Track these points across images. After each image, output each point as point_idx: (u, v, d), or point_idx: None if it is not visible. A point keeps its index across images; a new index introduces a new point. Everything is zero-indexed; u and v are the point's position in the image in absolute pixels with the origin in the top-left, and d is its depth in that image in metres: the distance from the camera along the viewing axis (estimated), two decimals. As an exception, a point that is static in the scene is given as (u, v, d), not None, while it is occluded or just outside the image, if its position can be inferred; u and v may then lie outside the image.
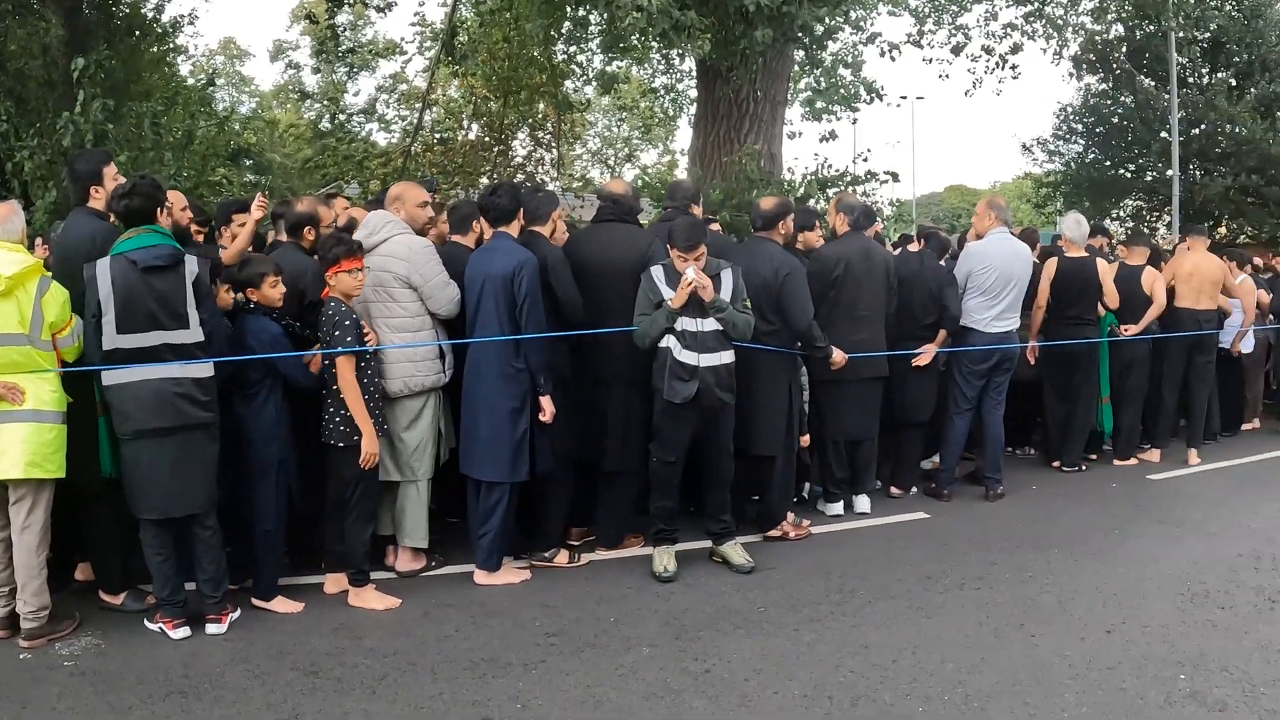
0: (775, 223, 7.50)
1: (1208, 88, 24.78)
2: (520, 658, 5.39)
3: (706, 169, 14.52)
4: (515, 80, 18.08)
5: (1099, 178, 26.50)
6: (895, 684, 5.14)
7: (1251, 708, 4.99)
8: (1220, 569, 7.04)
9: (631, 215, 7.31)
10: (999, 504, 8.68)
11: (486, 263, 6.47)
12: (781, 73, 15.30)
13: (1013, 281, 8.57)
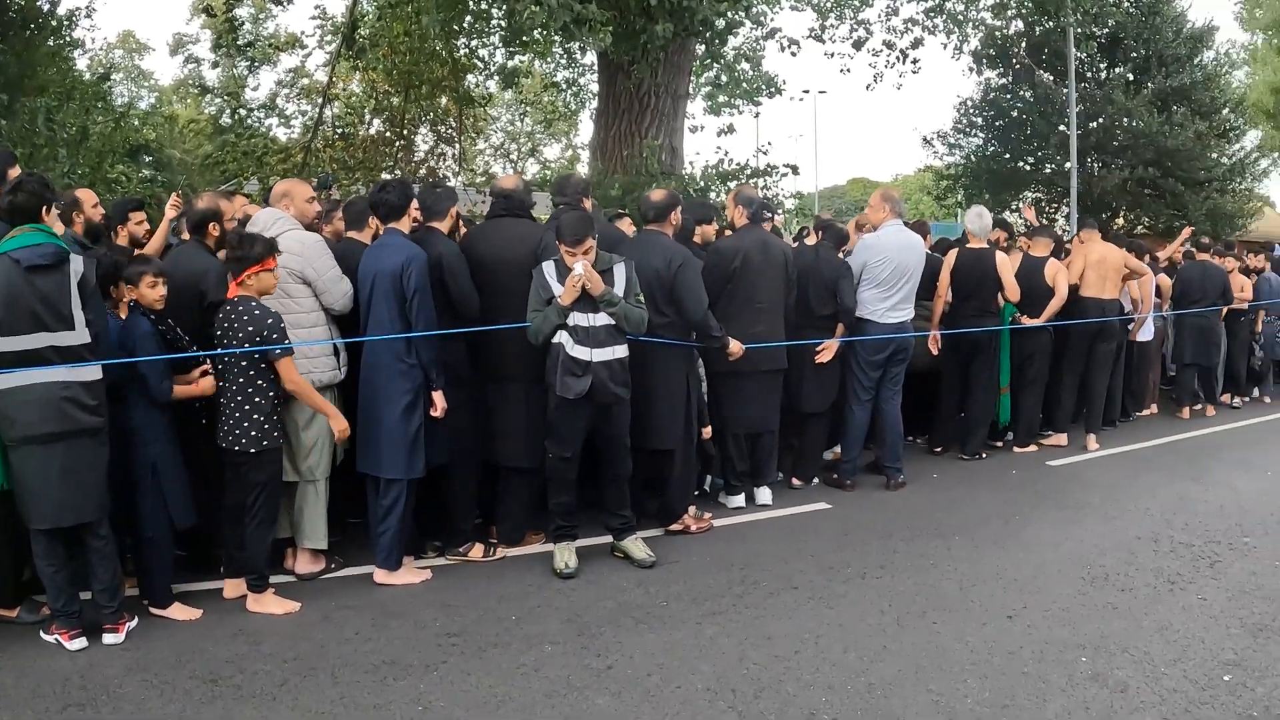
0: (666, 214, 7.51)
1: (1105, 82, 25.42)
2: (421, 659, 5.30)
3: (608, 163, 14.51)
4: (416, 74, 17.87)
5: (999, 170, 27.05)
6: (798, 675, 5.13)
7: (1153, 688, 5.07)
8: (1119, 552, 7.17)
9: (523, 210, 7.27)
10: (901, 493, 8.75)
11: (377, 259, 6.39)
12: (683, 67, 15.35)
13: (907, 273, 8.69)
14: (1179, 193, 24.39)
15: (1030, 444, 10.43)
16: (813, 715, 4.71)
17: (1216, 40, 27.27)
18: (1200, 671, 5.28)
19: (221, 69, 23.54)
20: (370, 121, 19.91)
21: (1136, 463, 10.23)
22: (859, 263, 8.68)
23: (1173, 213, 24.71)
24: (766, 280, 7.99)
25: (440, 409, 6.36)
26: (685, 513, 7.54)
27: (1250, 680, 5.20)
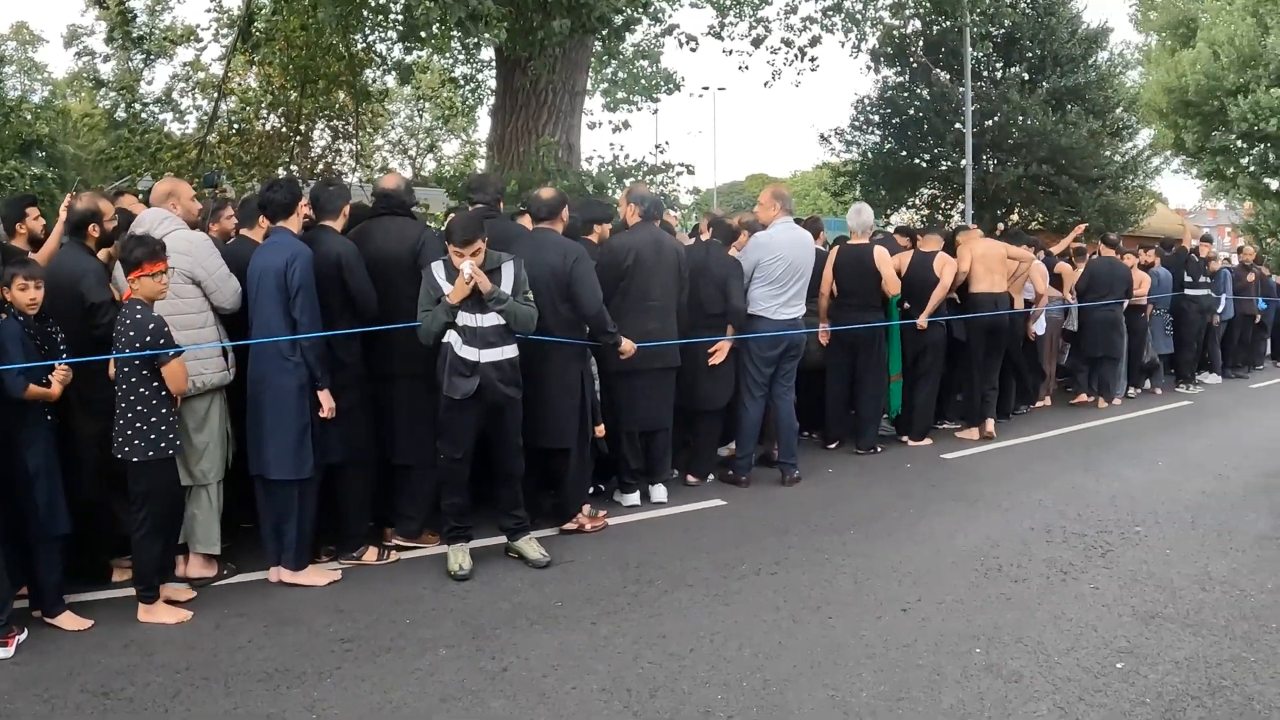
0: (557, 212, 7.51)
1: (1001, 81, 25.84)
2: (315, 666, 5.17)
3: (505, 160, 14.43)
4: (313, 69, 17.60)
5: (895, 167, 27.37)
6: (694, 673, 5.10)
7: (1047, 677, 5.13)
8: (1013, 543, 7.28)
9: (404, 209, 7.21)
10: (796, 488, 8.79)
11: (262, 258, 6.31)
12: (581, 63, 15.33)
13: (799, 270, 8.77)
14: (1073, 190, 24.88)
15: (926, 437, 10.54)
16: (708, 713, 4.68)
17: (1111, 41, 27.93)
18: (1093, 660, 5.36)
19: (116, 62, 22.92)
20: (266, 117, 19.61)
21: (1029, 454, 10.43)
22: (751, 261, 8.71)
23: (1066, 209, 25.21)
24: (659, 278, 7.98)
25: (328, 409, 6.27)
26: (580, 512, 7.49)
27: (1143, 667, 5.29)
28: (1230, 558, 7.16)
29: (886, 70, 27.48)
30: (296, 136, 19.18)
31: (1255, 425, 12.64)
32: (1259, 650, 5.59)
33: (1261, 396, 15.72)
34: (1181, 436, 11.68)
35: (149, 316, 5.60)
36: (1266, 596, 6.42)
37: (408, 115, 35.58)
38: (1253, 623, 5.97)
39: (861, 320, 9.73)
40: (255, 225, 6.91)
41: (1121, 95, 28.22)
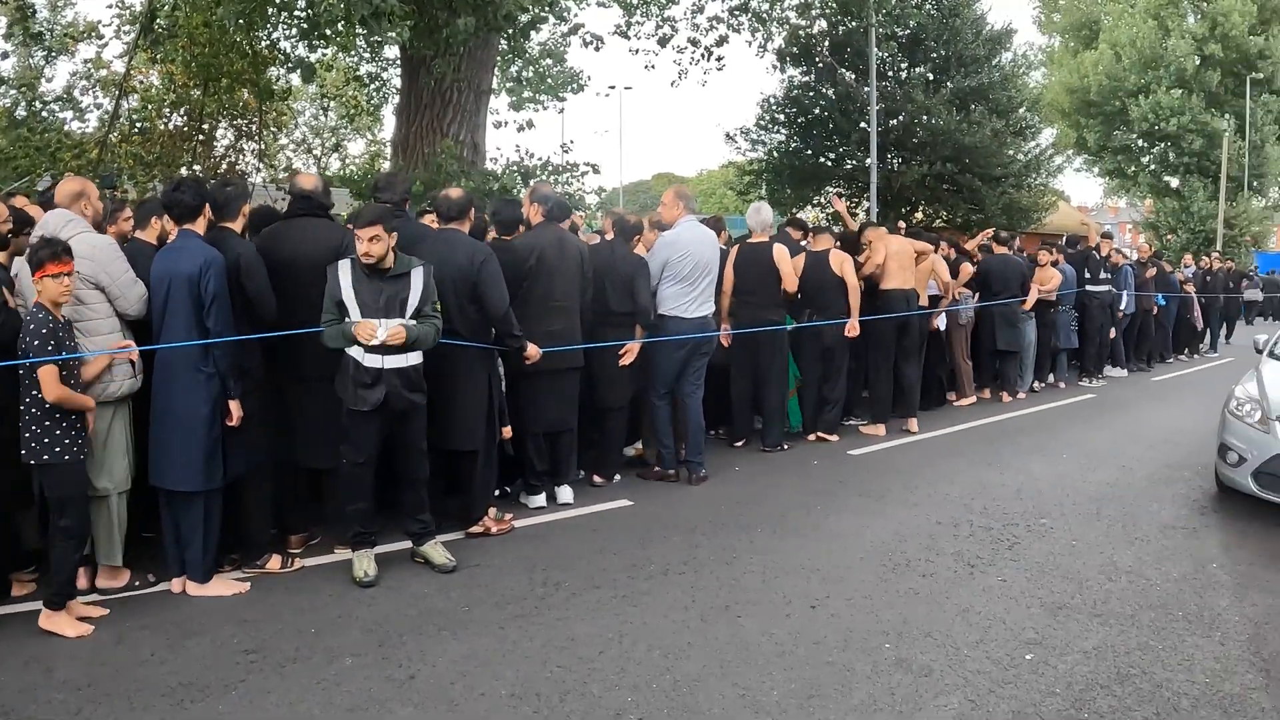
0: (466, 212, 7.45)
1: (906, 81, 26.24)
2: (220, 679, 5.03)
3: (409, 160, 14.27)
4: (216, 67, 17.23)
5: (801, 166, 27.63)
6: (603, 675, 5.05)
7: (957, 670, 5.16)
8: (920, 538, 7.32)
9: (323, 210, 7.09)
10: (703, 487, 8.76)
11: (172, 262, 6.09)
12: (486, 62, 15.22)
13: (707, 267, 8.84)
14: (976, 188, 25.31)
15: (836, 434, 10.58)
16: (619, 716, 4.64)
17: (1015, 42, 28.54)
18: (1003, 652, 5.40)
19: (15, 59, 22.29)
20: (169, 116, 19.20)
21: (936, 450, 10.53)
22: (660, 259, 8.71)
23: (970, 207, 25.67)
24: (563, 278, 7.94)
25: (237, 418, 6.11)
26: (486, 515, 7.39)
27: (1052, 658, 5.35)
28: (1135, 548, 7.28)
29: (792, 70, 27.74)
30: (199, 136, 18.78)
31: (1157, 417, 12.90)
32: (1166, 638, 5.67)
33: (1163, 389, 16.07)
34: (1086, 429, 11.88)
35: (44, 320, 5.44)
36: (1172, 585, 6.53)
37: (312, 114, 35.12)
38: (1159, 611, 6.07)
39: (763, 318, 9.75)
40: (148, 227, 6.70)
41: (1025, 95, 28.79)
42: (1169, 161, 46.83)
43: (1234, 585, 6.62)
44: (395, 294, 6.22)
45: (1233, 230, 43.44)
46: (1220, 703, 4.95)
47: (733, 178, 33.45)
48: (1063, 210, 33.64)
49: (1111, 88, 45.73)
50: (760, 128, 28.58)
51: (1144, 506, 8.39)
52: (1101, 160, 49.88)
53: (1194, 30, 44.99)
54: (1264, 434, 7.98)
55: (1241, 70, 44.44)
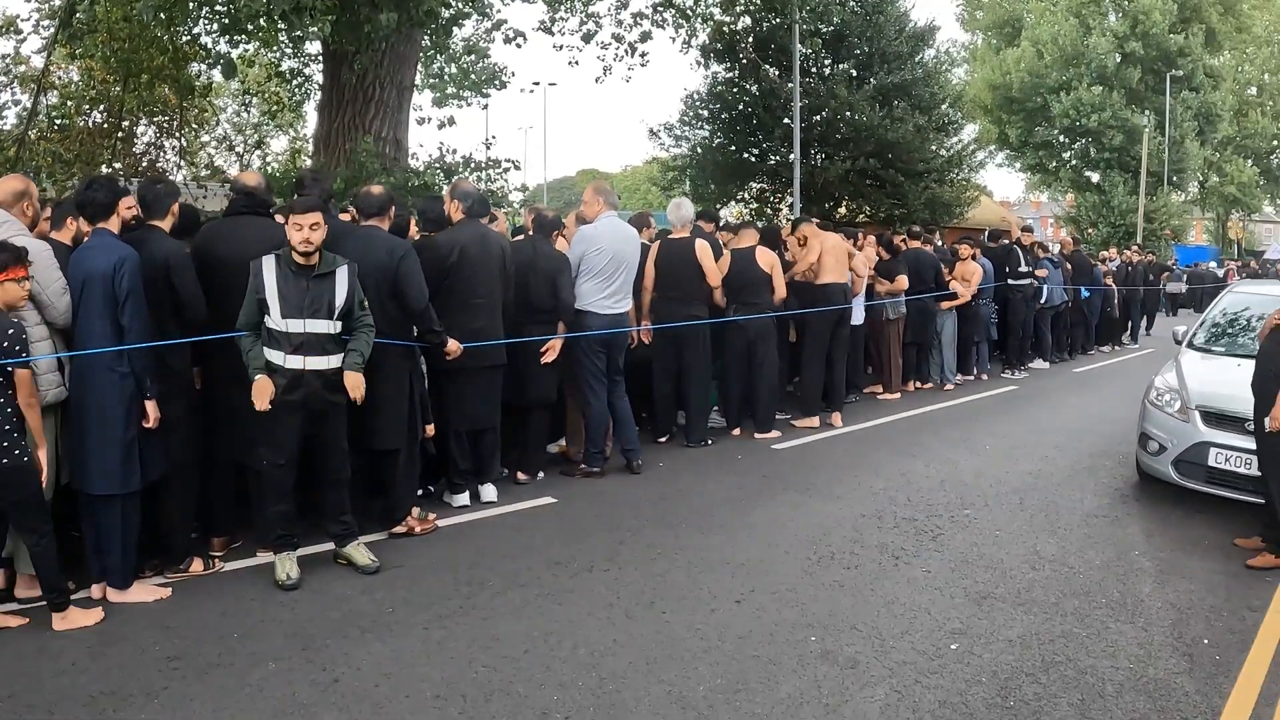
0: (385, 209, 7.39)
1: (829, 77, 26.40)
2: (142, 687, 4.92)
3: (331, 156, 14.10)
4: (136, 63, 16.90)
5: (724, 162, 27.73)
6: (529, 674, 5.02)
7: (882, 661, 5.19)
8: (845, 530, 7.36)
9: (264, 209, 7.00)
10: (627, 484, 8.71)
11: (87, 261, 5.93)
12: (409, 58, 15.10)
13: (624, 262, 8.83)
14: (899, 183, 25.56)
15: (771, 429, 10.61)
16: (545, 715, 4.62)
17: (938, 39, 28.80)
18: (928, 642, 5.44)
19: (-63, 54, 21.75)
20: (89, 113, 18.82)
21: (861, 442, 10.59)
22: (577, 254, 8.72)
23: (893, 202, 25.94)
24: (484, 275, 7.86)
25: (153, 420, 5.96)
26: (409, 514, 7.31)
27: (977, 647, 5.40)
28: (1058, 536, 7.37)
29: (716, 66, 27.83)
30: (119, 133, 18.44)
31: (1079, 407, 13.12)
32: (1089, 625, 5.75)
33: (1085, 380, 16.30)
34: (1009, 420, 12.03)
35: (9, 322, 5.32)
36: (1095, 572, 6.62)
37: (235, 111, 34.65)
38: (1082, 599, 6.14)
39: (685, 313, 9.75)
40: (63, 227, 6.50)
41: (947, 91, 29.11)
42: (1090, 157, 47.67)
43: (1156, 572, 6.72)
44: (320, 294, 6.14)
45: (1152, 224, 44.26)
46: (1144, 688, 5.02)
47: (657, 174, 33.52)
48: (985, 205, 34.09)
49: (1033, 84, 46.49)
50: (684, 124, 28.66)
51: (1066, 495, 8.50)
52: (1023, 156, 50.70)
53: (1115, 28, 45.89)
54: (1183, 423, 8.12)
55: (1161, 68, 45.44)
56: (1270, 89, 60.84)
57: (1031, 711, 4.74)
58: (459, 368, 7.66)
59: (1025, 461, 9.73)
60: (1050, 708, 4.78)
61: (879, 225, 22.88)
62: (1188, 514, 8.05)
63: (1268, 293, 10.00)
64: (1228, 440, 7.78)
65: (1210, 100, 47.78)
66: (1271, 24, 60.46)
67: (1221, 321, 9.77)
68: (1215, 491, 7.91)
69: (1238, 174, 57.26)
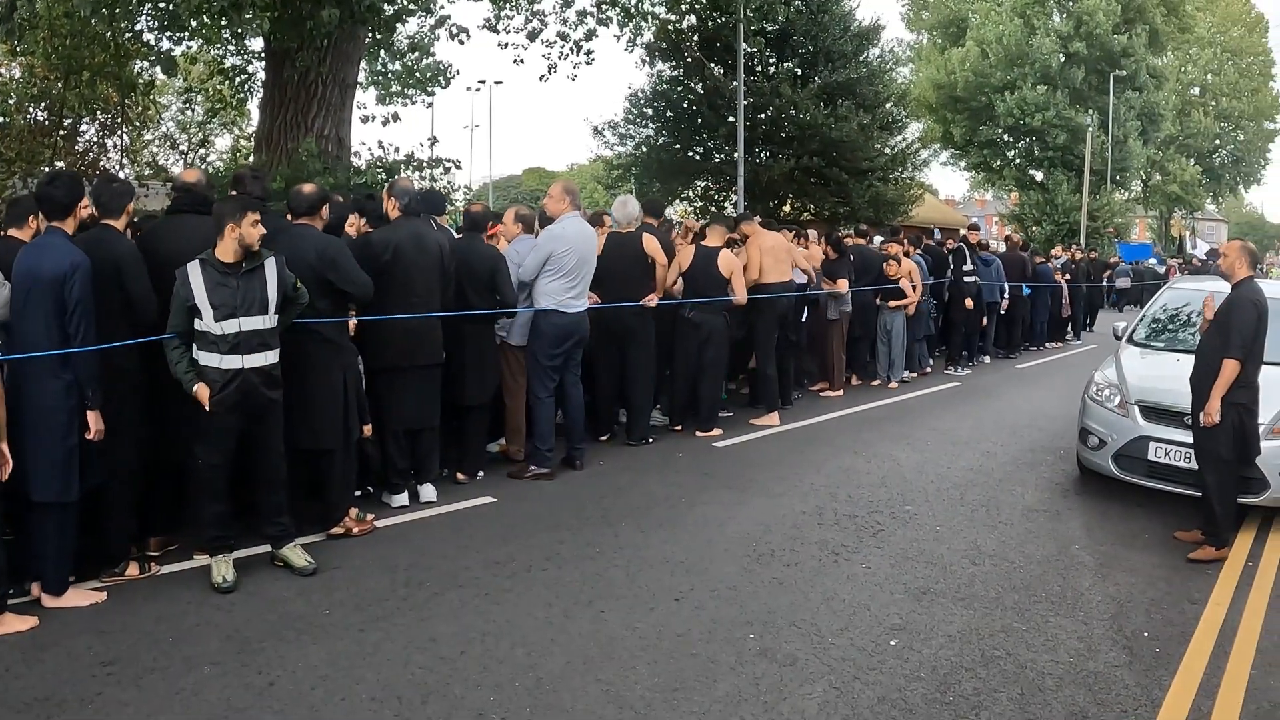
0: (318, 209, 7.30)
1: (774, 76, 26.45)
2: (76, 693, 4.81)
3: (273, 154, 13.93)
4: (78, 59, 16.66)
5: (669, 160, 27.75)
6: (466, 675, 4.97)
7: (821, 658, 5.18)
8: (785, 527, 7.36)
9: (206, 206, 6.86)
10: (567, 483, 8.65)
11: (36, 261, 5.78)
12: (351, 55, 14.94)
13: (587, 262, 8.82)
14: (843, 181, 25.72)
15: (714, 428, 10.59)
16: (481, 716, 4.58)
17: (883, 38, 28.97)
18: (867, 639, 5.44)
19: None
20: (30, 110, 18.54)
21: (802, 439, 10.60)
22: (544, 253, 8.65)
23: (837, 200, 26.10)
24: (421, 273, 7.80)
25: (95, 432, 5.82)
26: (347, 515, 7.22)
27: (916, 643, 5.41)
28: (999, 531, 7.41)
29: (662, 64, 27.83)
30: (61, 131, 18.20)
31: (1020, 403, 13.23)
32: (1029, 619, 5.77)
33: (1027, 376, 16.47)
34: (950, 416, 12.11)
35: None
36: (1035, 567, 6.66)
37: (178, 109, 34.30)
38: (1023, 593, 6.17)
39: (630, 311, 9.68)
40: (24, 225, 6.34)
41: (892, 90, 29.31)
42: (1034, 155, 48.15)
43: (1096, 566, 6.77)
44: (251, 290, 6.06)
45: (1095, 222, 44.76)
46: (1084, 681, 5.05)
47: (602, 172, 33.51)
48: (929, 203, 34.38)
49: (978, 84, 46.89)
50: (629, 122, 28.68)
51: (1007, 491, 8.55)
52: (968, 154, 51.15)
53: (1060, 29, 46.41)
54: (1123, 418, 8.19)
55: (1105, 68, 46.00)
56: (1212, 89, 61.90)
57: (971, 706, 4.75)
58: (395, 366, 7.61)
59: (966, 457, 9.79)
60: (990, 702, 4.79)
61: (824, 223, 22.97)
62: (1128, 508, 8.13)
63: (1207, 289, 10.11)
64: (1167, 435, 7.87)
65: (1153, 100, 48.45)
66: (1214, 25, 61.53)
67: (1161, 317, 9.89)
68: (1155, 485, 8.00)
69: (1180, 173, 58.18)
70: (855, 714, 4.63)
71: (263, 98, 15.59)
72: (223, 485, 6.27)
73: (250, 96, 22.32)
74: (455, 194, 18.48)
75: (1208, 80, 61.99)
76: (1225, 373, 6.82)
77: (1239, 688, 5.09)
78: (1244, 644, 5.64)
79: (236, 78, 21.03)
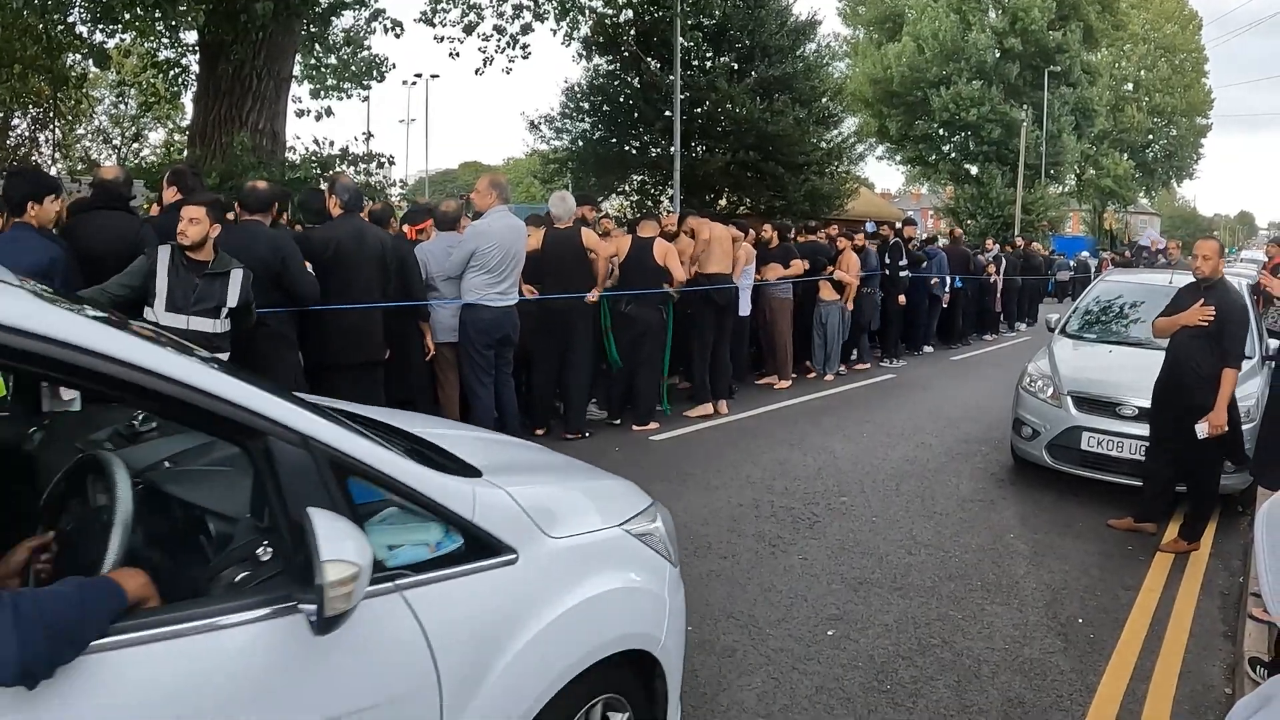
0: (269, 206, 7.29)
1: (710, 70, 26.44)
2: None
3: (207, 149, 13.75)
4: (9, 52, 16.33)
5: (605, 154, 27.64)
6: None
7: (759, 650, 5.18)
8: (722, 520, 7.34)
9: (122, 202, 6.83)
10: (505, 476, 8.56)
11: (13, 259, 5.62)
12: (286, 48, 14.80)
13: (515, 258, 8.76)
14: (779, 175, 25.72)
15: (650, 421, 10.56)
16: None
17: (819, 33, 29.01)
18: (805, 629, 5.44)
19: None
20: (-38, 104, 18.24)
21: (738, 432, 10.59)
22: (469, 249, 8.61)
23: (773, 194, 26.11)
24: (362, 271, 7.74)
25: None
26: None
27: (853, 632, 5.42)
28: (934, 521, 7.45)
29: (598, 58, 27.74)
30: (-10, 126, 17.90)
31: (955, 395, 13.31)
32: (966, 608, 5.81)
33: (962, 368, 16.60)
34: (886, 408, 12.17)
35: None
36: (970, 556, 6.70)
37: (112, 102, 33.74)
38: (958, 582, 6.21)
39: (571, 304, 9.68)
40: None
41: (828, 85, 29.35)
42: (969, 150, 48.60)
43: (1030, 554, 6.82)
44: (210, 292, 5.94)
45: (1030, 215, 45.21)
46: (1021, 667, 5.09)
47: (537, 166, 33.34)
48: (865, 196, 34.52)
49: (914, 79, 47.24)
50: (565, 116, 28.55)
51: (942, 481, 8.61)
52: (903, 148, 51.53)
53: (995, 25, 46.85)
54: (1056, 408, 8.27)
55: (1040, 63, 46.56)
56: (1145, 85, 62.72)
57: (908, 694, 4.76)
58: (334, 364, 7.57)
59: (902, 448, 9.84)
60: (927, 690, 4.81)
61: (760, 217, 22.97)
62: (1061, 496, 8.21)
63: (1138, 281, 10.24)
64: (1099, 424, 7.96)
65: (1087, 95, 49.08)
66: (1148, 22, 62.36)
67: (1094, 309, 9.99)
68: (1088, 474, 8.08)
69: (1114, 167, 58.94)
70: (794, 704, 4.63)
71: (196, 91, 15.44)
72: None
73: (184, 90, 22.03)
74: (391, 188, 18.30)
75: (1141, 76, 62.82)
76: (1227, 383, 6.81)
77: (1173, 672, 5.16)
78: (1177, 629, 5.71)
79: (170, 71, 20.76)
